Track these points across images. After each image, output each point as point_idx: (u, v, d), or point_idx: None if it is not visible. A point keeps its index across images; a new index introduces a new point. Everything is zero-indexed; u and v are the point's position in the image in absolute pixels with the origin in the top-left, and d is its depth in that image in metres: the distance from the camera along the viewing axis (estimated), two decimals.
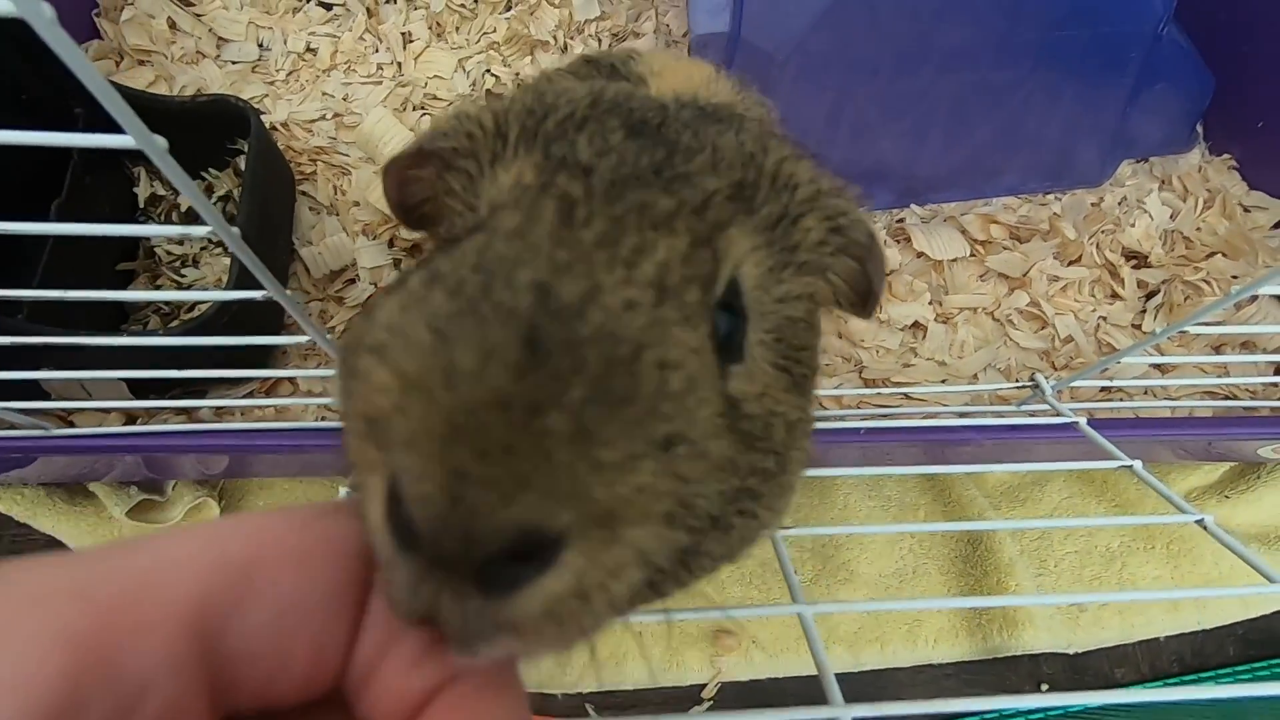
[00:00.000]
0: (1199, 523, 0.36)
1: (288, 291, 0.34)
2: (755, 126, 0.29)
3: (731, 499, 0.21)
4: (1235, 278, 0.81)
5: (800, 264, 0.26)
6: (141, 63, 0.87)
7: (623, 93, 0.28)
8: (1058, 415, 0.51)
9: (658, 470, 0.17)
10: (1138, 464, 0.41)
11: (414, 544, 0.16)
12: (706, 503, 0.19)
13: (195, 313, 0.71)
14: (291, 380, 0.72)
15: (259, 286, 0.35)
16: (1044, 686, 0.72)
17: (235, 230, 0.28)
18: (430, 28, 0.94)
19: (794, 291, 0.26)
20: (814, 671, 0.74)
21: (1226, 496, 0.78)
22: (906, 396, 0.73)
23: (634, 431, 0.17)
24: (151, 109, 0.70)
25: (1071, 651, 0.72)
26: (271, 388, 0.72)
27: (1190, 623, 0.74)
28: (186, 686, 0.15)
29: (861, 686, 0.71)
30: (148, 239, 0.73)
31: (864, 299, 0.29)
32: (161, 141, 0.23)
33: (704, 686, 0.69)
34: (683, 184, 0.23)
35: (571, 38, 0.95)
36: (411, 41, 0.93)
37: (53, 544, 0.70)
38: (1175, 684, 0.71)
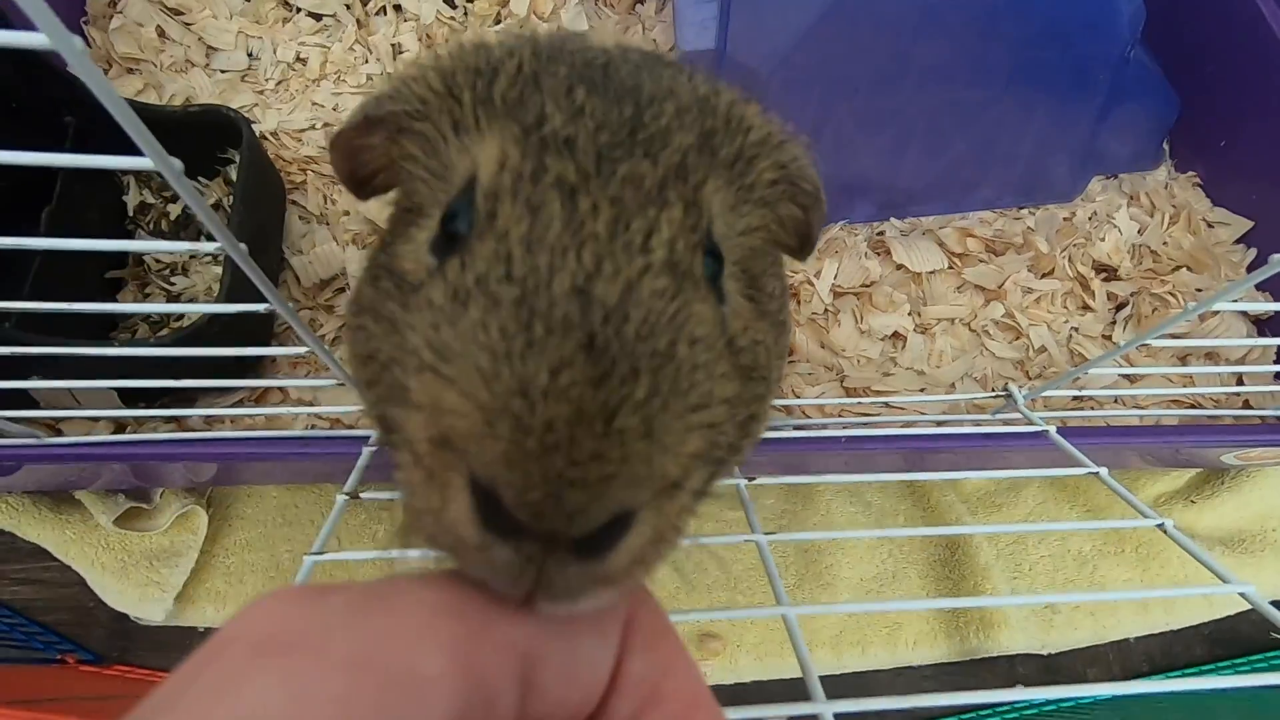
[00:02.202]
0: (1160, 527, 0.38)
1: (289, 304, 0.35)
2: (705, 72, 0.29)
3: (743, 426, 0.24)
4: (1199, 290, 0.84)
5: (756, 199, 0.27)
6: (130, 71, 0.87)
7: (557, 36, 0.28)
8: (1030, 424, 0.53)
9: (702, 435, 0.20)
10: (1104, 471, 0.43)
11: (513, 532, 0.18)
12: (728, 438, 0.22)
13: (185, 321, 0.71)
14: (281, 388, 0.72)
15: (253, 296, 0.36)
16: (1019, 686, 0.74)
17: (243, 246, 0.29)
18: (420, 39, 0.95)
19: (752, 224, 0.27)
20: (798, 674, 0.76)
21: (1192, 501, 0.80)
22: (887, 405, 0.75)
23: (684, 411, 0.19)
24: (142, 118, 0.70)
25: (1045, 652, 0.74)
26: (261, 396, 0.72)
27: (1159, 624, 0.76)
28: (516, 702, 0.18)
29: (843, 688, 0.72)
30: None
31: (803, 243, 0.31)
32: (178, 164, 0.24)
33: None
34: (659, 144, 0.23)
35: None
36: (402, 53, 0.94)
37: (38, 552, 0.69)
38: (1144, 681, 0.74)
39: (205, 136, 0.73)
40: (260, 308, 0.34)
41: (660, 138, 0.23)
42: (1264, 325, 0.82)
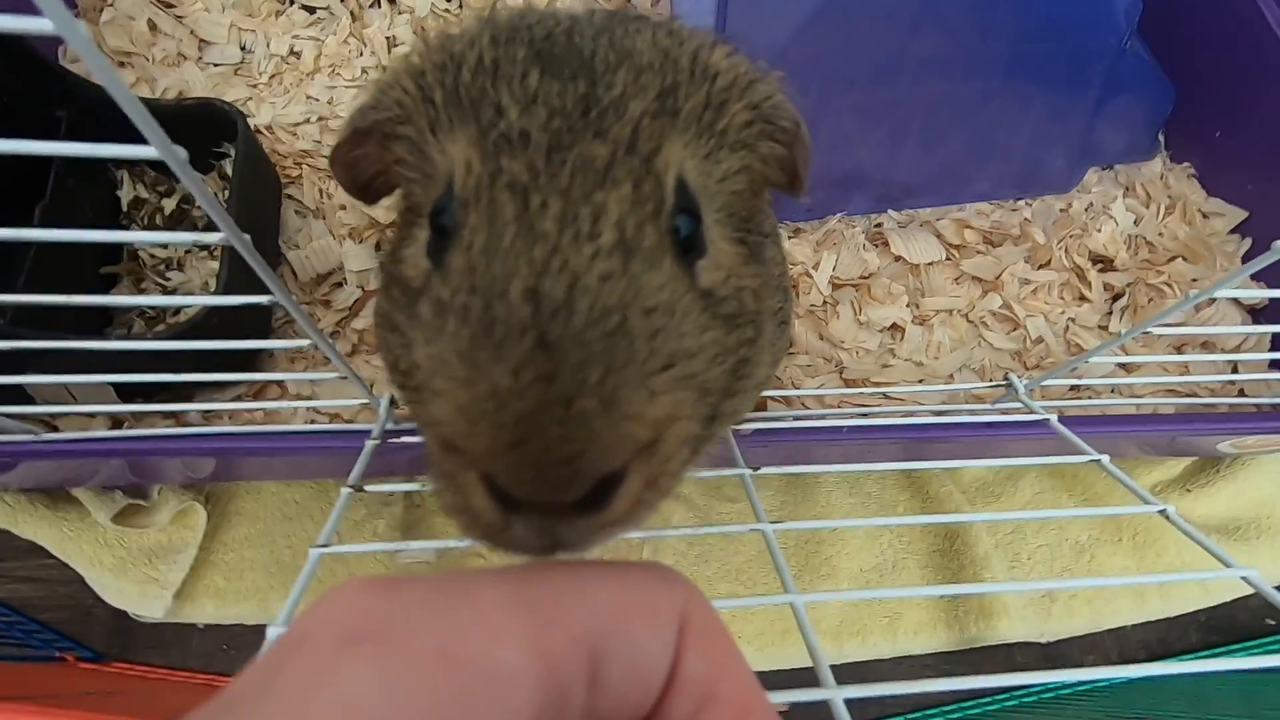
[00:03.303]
0: (1162, 513, 0.38)
1: (292, 296, 0.35)
2: (671, 24, 0.29)
3: (733, 371, 0.26)
4: (1194, 280, 0.84)
5: (732, 143, 0.28)
6: (122, 64, 0.87)
7: (519, 11, 0.29)
8: (1031, 413, 0.53)
9: (672, 389, 0.22)
10: (1105, 458, 0.43)
11: (520, 508, 0.21)
12: (716, 382, 0.24)
13: (181, 316, 0.71)
14: (279, 383, 0.72)
15: (251, 290, 0.36)
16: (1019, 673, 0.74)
17: (247, 236, 0.29)
18: (415, 32, 0.94)
19: (732, 168, 0.28)
20: (799, 664, 0.76)
21: (1188, 490, 0.81)
22: (885, 396, 0.75)
23: (644, 375, 0.21)
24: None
25: (1044, 640, 0.75)
26: (259, 391, 0.72)
27: (1155, 611, 0.77)
28: (585, 699, 0.18)
29: (844, 677, 0.72)
30: (132, 245, 0.73)
31: (792, 179, 0.31)
32: (182, 152, 0.24)
33: None
34: (613, 118, 0.24)
35: None
36: (396, 45, 0.93)
37: (36, 550, 0.69)
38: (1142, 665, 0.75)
39: (199, 130, 0.73)
40: (264, 299, 0.34)
41: (614, 110, 0.24)
42: (1259, 314, 0.83)
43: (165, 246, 0.75)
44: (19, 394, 0.61)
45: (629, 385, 0.20)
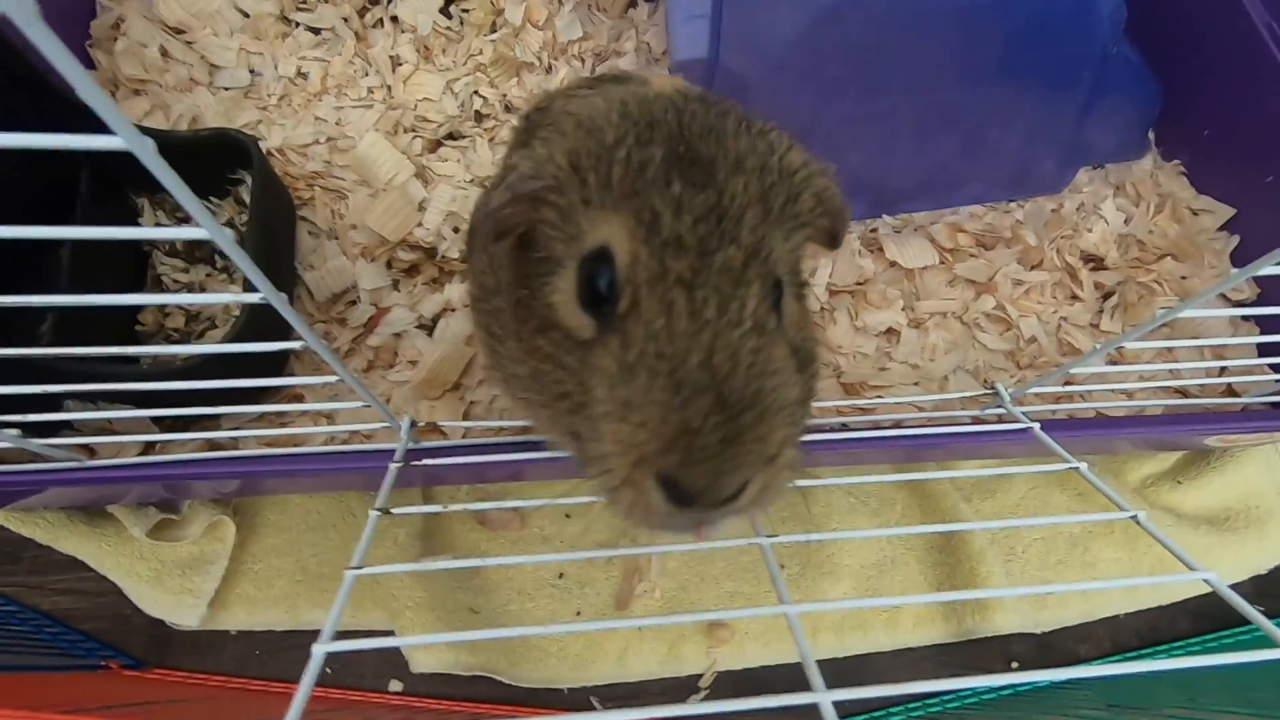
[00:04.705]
0: (1134, 519, 0.41)
1: (325, 343, 0.37)
2: (754, 124, 0.37)
3: (806, 401, 0.36)
4: (1184, 278, 0.86)
5: (801, 224, 0.35)
6: (136, 92, 0.89)
7: (639, 104, 0.35)
8: (1016, 420, 0.56)
9: (786, 425, 0.31)
10: (1083, 466, 0.46)
11: (686, 502, 0.30)
12: (801, 413, 0.34)
13: (206, 338, 0.74)
14: (301, 399, 0.75)
15: (271, 314, 0.38)
16: (1014, 664, 0.77)
17: (229, 232, 0.32)
18: (418, 50, 0.97)
19: (799, 242, 0.36)
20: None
21: (1179, 482, 0.84)
22: (883, 404, 0.77)
23: (773, 417, 0.30)
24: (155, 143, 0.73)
25: (1039, 631, 0.78)
26: (283, 412, 0.75)
27: (1147, 601, 0.80)
28: None
29: (847, 670, 0.76)
30: (155, 271, 0.76)
31: (832, 241, 0.40)
32: (150, 143, 0.25)
33: (701, 676, 0.74)
34: (737, 225, 0.32)
35: (555, 58, 0.98)
36: (400, 65, 0.96)
37: (75, 563, 0.73)
38: (1133, 658, 0.78)
39: (216, 158, 0.76)
40: (255, 297, 0.34)
41: (736, 219, 0.32)
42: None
43: (187, 270, 0.78)
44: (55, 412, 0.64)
45: (768, 424, 0.30)
